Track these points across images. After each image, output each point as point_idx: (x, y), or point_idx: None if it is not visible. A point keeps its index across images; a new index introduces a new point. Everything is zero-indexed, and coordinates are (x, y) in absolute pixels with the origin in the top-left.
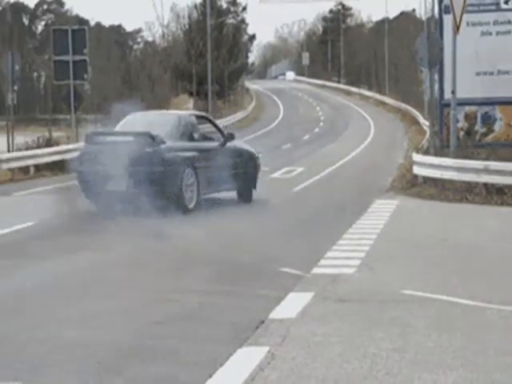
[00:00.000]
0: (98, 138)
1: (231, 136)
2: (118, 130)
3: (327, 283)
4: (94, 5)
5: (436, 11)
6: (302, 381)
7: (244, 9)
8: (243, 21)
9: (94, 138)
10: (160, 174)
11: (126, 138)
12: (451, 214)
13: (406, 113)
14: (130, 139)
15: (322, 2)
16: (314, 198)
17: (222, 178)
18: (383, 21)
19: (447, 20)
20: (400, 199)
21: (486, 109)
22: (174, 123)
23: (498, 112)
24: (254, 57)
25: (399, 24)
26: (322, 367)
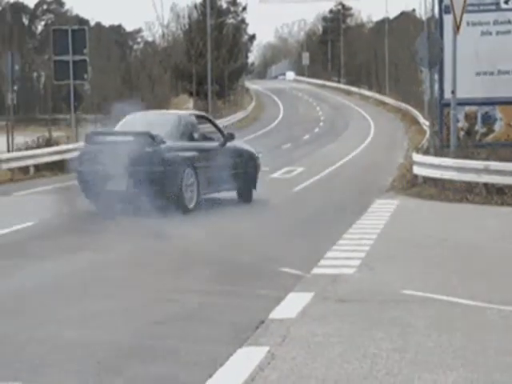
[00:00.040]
0: (98, 138)
1: (231, 136)
2: (117, 129)
3: (327, 283)
4: (93, 5)
5: (436, 11)
6: (302, 381)
7: (244, 9)
8: (243, 21)
9: (93, 137)
10: (160, 174)
11: (126, 138)
12: (451, 214)
13: (406, 113)
14: (129, 139)
15: (322, 2)
16: (314, 197)
17: (222, 178)
18: (383, 21)
19: (447, 20)
20: (400, 199)
21: (486, 109)
22: (173, 123)
23: (498, 112)
24: (253, 57)
25: (399, 24)
26: (322, 367)
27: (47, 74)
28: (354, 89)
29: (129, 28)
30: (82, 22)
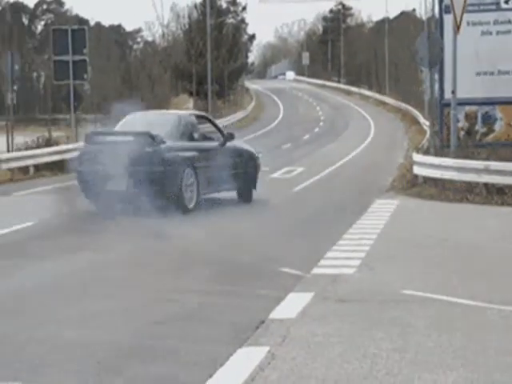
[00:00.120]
0: (98, 138)
1: (231, 136)
2: (117, 129)
3: (327, 283)
4: (93, 4)
5: (436, 11)
6: (302, 381)
7: (244, 8)
8: (243, 20)
9: (93, 137)
10: (160, 174)
11: (126, 138)
12: (451, 214)
13: (406, 113)
14: (129, 139)
15: (322, 2)
16: (314, 197)
17: (221, 178)
18: (383, 20)
19: (447, 20)
20: (400, 199)
21: (486, 108)
22: (173, 123)
23: (498, 112)
24: (253, 56)
25: (399, 24)
26: (322, 367)
27: (47, 73)
28: (353, 89)
29: (129, 28)
30: (82, 21)
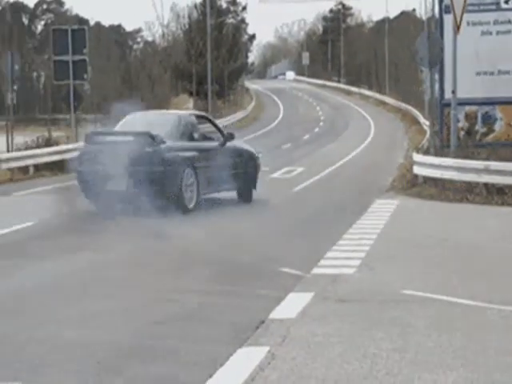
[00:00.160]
0: (98, 138)
1: (231, 136)
2: (117, 129)
3: (327, 283)
4: (93, 4)
5: (436, 11)
6: (302, 381)
7: (244, 8)
8: (243, 20)
9: (93, 137)
10: (160, 174)
11: (126, 138)
12: (451, 214)
13: (406, 112)
14: (129, 139)
15: (322, 2)
16: (314, 197)
17: (221, 178)
18: (383, 20)
19: (447, 20)
20: (400, 199)
21: (486, 108)
22: (173, 123)
23: (498, 112)
24: (253, 56)
25: (399, 24)
26: (322, 367)
27: (47, 73)
28: (354, 89)
29: (129, 28)
30: (82, 21)
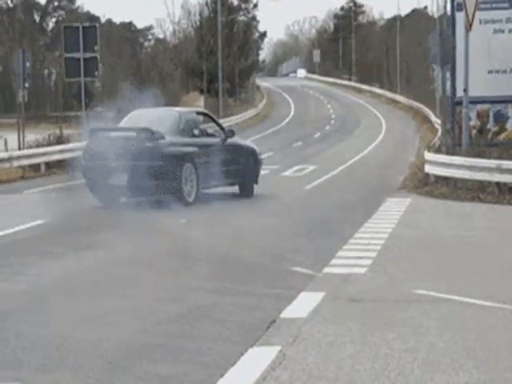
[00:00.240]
0: (100, 134)
1: (232, 132)
2: (121, 125)
3: (339, 283)
4: (104, 2)
5: (448, 9)
6: (313, 381)
7: (255, 6)
8: (254, 18)
9: (95, 133)
10: (159, 169)
11: (127, 134)
12: (463, 213)
13: (417, 111)
14: (130, 134)
15: None
16: (326, 196)
17: (222, 173)
18: (395, 18)
19: (459, 17)
20: (412, 198)
21: (498, 107)
22: (174, 119)
23: (510, 110)
24: (264, 54)
25: (411, 21)
26: (334, 367)
27: (58, 71)
28: (365, 87)
29: (140, 25)
30: (93, 18)
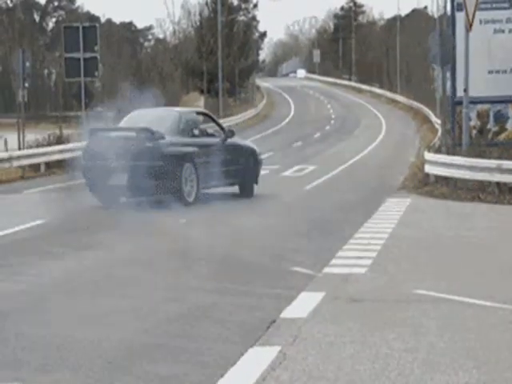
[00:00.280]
0: (100, 134)
1: (231, 132)
2: (121, 125)
3: (339, 283)
4: (104, 2)
5: (448, 9)
6: (313, 381)
7: (255, 6)
8: (254, 18)
9: (96, 133)
10: (159, 169)
11: (127, 134)
12: (464, 213)
13: (417, 111)
14: (130, 134)
15: None
16: (326, 196)
17: (222, 173)
18: (395, 18)
19: (459, 17)
20: (412, 198)
21: (498, 107)
22: (174, 119)
23: (510, 110)
24: (264, 54)
25: (411, 21)
26: (334, 367)
27: (58, 71)
28: (365, 87)
29: (140, 25)
30: (93, 18)
